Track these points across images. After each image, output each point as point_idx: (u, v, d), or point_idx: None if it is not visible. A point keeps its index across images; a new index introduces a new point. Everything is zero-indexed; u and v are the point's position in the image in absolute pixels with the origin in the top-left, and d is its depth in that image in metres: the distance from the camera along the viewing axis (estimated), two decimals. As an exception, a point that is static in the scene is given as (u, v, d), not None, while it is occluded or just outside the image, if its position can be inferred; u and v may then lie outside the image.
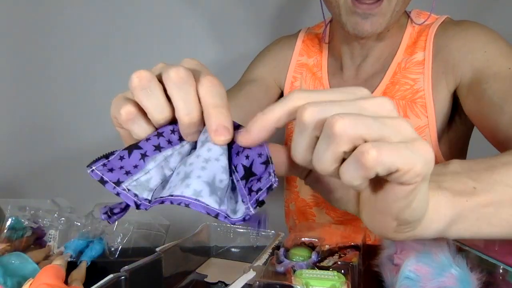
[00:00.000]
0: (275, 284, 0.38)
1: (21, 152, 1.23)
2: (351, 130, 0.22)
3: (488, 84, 0.53)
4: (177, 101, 0.28)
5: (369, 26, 0.55)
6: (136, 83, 0.28)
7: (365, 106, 0.24)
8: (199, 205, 0.27)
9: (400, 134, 0.23)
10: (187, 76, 0.28)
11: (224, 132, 0.28)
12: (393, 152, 0.22)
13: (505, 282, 0.40)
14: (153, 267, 0.48)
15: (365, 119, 0.22)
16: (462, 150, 0.70)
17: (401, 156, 0.22)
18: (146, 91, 0.28)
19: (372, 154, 0.21)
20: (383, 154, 0.21)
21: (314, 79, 0.73)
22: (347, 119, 0.22)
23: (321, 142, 0.24)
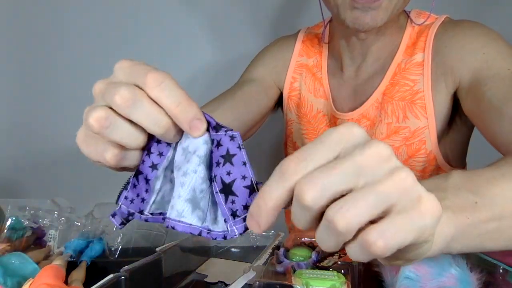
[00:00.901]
0: (275, 284, 0.38)
1: (21, 152, 1.23)
2: (354, 221, 0.21)
3: (487, 86, 0.52)
4: (139, 121, 0.27)
5: (369, 19, 0.55)
6: (96, 127, 0.27)
7: (363, 163, 0.22)
8: (182, 226, 0.28)
9: (404, 196, 0.21)
10: (131, 94, 0.27)
11: (197, 125, 0.28)
12: (401, 233, 0.21)
13: (505, 282, 0.40)
14: (153, 267, 0.48)
15: (367, 201, 0.21)
16: (462, 151, 0.70)
17: (411, 232, 0.21)
18: (110, 128, 0.28)
19: (379, 246, 0.20)
20: (389, 241, 0.20)
21: (314, 79, 0.73)
22: (349, 214, 0.21)
23: (323, 230, 0.23)
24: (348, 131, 0.23)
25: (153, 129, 0.27)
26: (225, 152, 0.28)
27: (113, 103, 0.27)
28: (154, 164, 0.30)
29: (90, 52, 1.17)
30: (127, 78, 0.28)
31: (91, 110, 0.28)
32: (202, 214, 0.29)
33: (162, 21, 1.15)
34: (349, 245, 0.23)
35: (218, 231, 0.29)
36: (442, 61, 0.60)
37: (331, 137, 0.23)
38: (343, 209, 0.21)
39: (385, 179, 0.21)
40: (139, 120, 0.27)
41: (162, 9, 1.15)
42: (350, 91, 0.69)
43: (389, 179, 0.21)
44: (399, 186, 0.21)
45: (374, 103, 0.65)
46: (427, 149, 0.63)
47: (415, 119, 0.62)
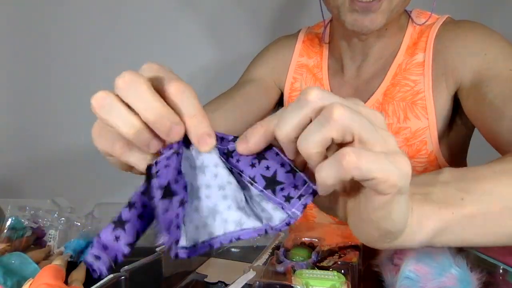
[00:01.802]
0: (275, 284, 0.38)
1: (21, 152, 1.23)
2: (347, 120, 0.23)
3: (488, 87, 0.52)
4: (132, 103, 0.27)
5: (369, 22, 0.55)
6: (95, 106, 0.28)
7: (362, 111, 0.25)
8: (248, 232, 0.28)
9: (385, 144, 0.24)
10: (132, 78, 0.27)
11: (207, 141, 0.28)
12: (372, 160, 0.23)
13: (505, 282, 0.40)
14: (153, 267, 0.48)
15: (361, 117, 0.24)
16: (462, 151, 0.70)
17: (379, 165, 0.23)
18: (106, 108, 0.27)
19: (351, 158, 0.23)
20: (362, 160, 0.23)
21: (314, 80, 0.73)
22: (347, 109, 0.24)
23: (315, 123, 0.25)
24: (355, 99, 0.27)
25: (144, 114, 0.26)
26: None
27: (115, 86, 0.28)
28: (171, 191, 0.27)
29: (90, 52, 1.17)
30: (151, 72, 0.29)
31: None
32: (255, 215, 0.29)
33: (162, 21, 1.15)
34: (324, 161, 0.24)
35: (278, 223, 0.29)
36: (443, 62, 0.60)
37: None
38: (342, 105, 0.24)
39: (377, 127, 0.25)
40: (132, 103, 0.27)
41: (162, 9, 1.15)
42: (351, 92, 0.69)
43: (379, 128, 0.25)
44: (385, 135, 0.25)
45: (375, 103, 0.65)
46: (428, 149, 0.63)
47: (416, 119, 0.62)
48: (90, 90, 0.28)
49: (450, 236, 0.30)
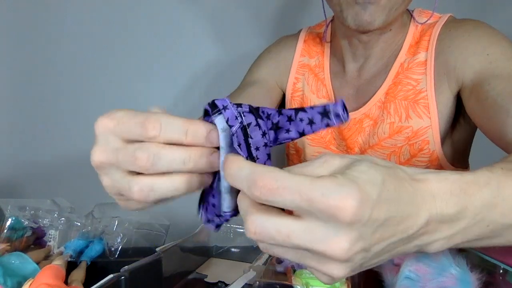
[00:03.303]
0: (275, 284, 0.38)
1: (21, 152, 1.23)
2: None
3: (491, 86, 0.52)
4: (169, 170, 0.29)
5: (368, 16, 0.55)
6: (143, 199, 0.29)
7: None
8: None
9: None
10: (147, 153, 0.28)
11: (212, 136, 0.29)
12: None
13: (505, 282, 0.40)
14: (153, 267, 0.48)
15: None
16: (465, 150, 0.70)
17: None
18: (153, 192, 0.29)
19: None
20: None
21: (316, 80, 0.73)
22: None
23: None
24: (336, 210, 0.22)
25: (185, 168, 0.29)
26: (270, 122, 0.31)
27: (138, 168, 0.28)
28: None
29: (90, 53, 1.17)
30: (126, 138, 0.29)
31: (129, 185, 0.29)
32: None
33: (163, 21, 1.15)
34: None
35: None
36: (445, 61, 0.60)
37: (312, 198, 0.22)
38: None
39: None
40: (169, 169, 0.28)
41: (164, 9, 1.15)
42: (353, 91, 0.69)
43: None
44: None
45: (377, 102, 0.65)
46: (430, 149, 0.63)
47: (418, 118, 0.62)
48: (91, 90, 0.29)
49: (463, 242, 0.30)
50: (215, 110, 0.30)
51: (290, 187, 0.22)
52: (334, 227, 0.22)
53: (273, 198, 0.22)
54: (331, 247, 0.22)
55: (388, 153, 0.65)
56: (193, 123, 0.29)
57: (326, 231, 0.22)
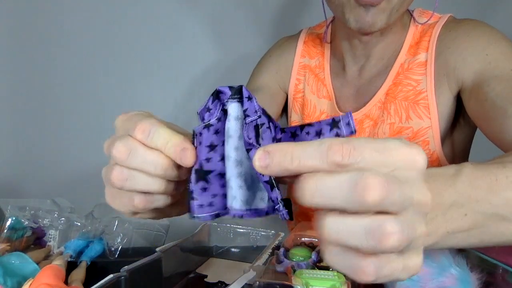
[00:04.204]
0: (275, 284, 0.38)
1: (21, 152, 1.23)
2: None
3: (490, 86, 0.52)
4: (138, 168, 0.31)
5: (370, 18, 0.55)
6: (117, 184, 0.32)
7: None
8: (251, 213, 0.31)
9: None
10: (126, 146, 0.31)
11: (184, 155, 0.31)
12: (386, 274, 0.23)
13: (505, 282, 0.40)
14: (153, 267, 0.48)
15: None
16: (465, 151, 0.70)
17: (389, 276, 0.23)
18: (129, 180, 0.32)
19: (369, 271, 0.22)
20: (380, 273, 0.22)
21: (316, 80, 0.73)
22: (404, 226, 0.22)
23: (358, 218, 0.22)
24: (412, 158, 0.23)
25: (155, 172, 0.31)
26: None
27: (113, 157, 0.31)
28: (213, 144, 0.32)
29: (91, 53, 1.17)
30: (124, 133, 0.32)
31: (108, 169, 0.32)
32: (261, 197, 0.31)
33: (163, 22, 1.15)
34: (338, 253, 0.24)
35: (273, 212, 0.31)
36: (445, 62, 0.60)
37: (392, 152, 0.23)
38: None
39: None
40: (138, 168, 0.31)
41: (163, 11, 1.15)
42: (353, 91, 0.69)
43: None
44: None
45: (377, 103, 0.65)
46: (431, 149, 0.63)
47: (418, 119, 0.62)
48: (91, 91, 0.29)
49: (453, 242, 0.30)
50: (236, 96, 0.30)
51: (366, 145, 0.22)
52: (414, 175, 0.23)
53: (355, 158, 0.22)
54: (420, 191, 0.23)
55: None
56: (176, 137, 0.31)
57: (410, 179, 0.23)
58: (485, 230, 0.31)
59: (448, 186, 0.29)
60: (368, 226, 0.21)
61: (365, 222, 0.21)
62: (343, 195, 0.21)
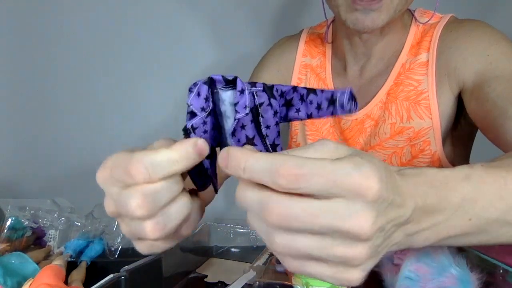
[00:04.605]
0: (275, 284, 0.38)
1: (21, 152, 1.23)
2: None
3: (491, 87, 0.52)
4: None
5: (370, 21, 0.55)
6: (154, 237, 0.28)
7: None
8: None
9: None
10: (143, 201, 0.27)
11: (199, 148, 0.28)
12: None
13: (505, 282, 0.40)
14: (153, 267, 0.48)
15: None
16: (466, 151, 0.70)
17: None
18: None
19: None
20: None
21: (318, 80, 0.73)
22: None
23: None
24: (361, 190, 0.23)
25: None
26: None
27: (134, 216, 0.27)
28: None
29: (91, 53, 1.17)
30: (122, 185, 0.27)
31: (141, 229, 0.28)
32: None
33: (163, 22, 1.15)
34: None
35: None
36: (446, 62, 0.60)
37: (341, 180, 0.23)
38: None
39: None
40: (168, 198, 0.28)
41: (164, 10, 1.15)
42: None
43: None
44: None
45: (378, 103, 0.65)
46: (432, 150, 0.63)
47: (419, 119, 0.62)
48: (91, 91, 0.29)
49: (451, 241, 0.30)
50: (229, 86, 0.29)
51: (315, 171, 0.22)
52: (358, 205, 0.23)
53: (299, 185, 0.23)
54: (357, 223, 0.22)
55: (389, 153, 0.65)
56: (180, 148, 0.28)
57: (350, 209, 0.23)
58: (486, 233, 0.31)
59: (456, 192, 0.29)
60: (266, 233, 0.25)
61: (264, 229, 0.25)
62: (255, 207, 0.24)
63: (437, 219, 0.28)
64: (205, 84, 0.29)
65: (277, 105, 0.30)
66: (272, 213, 0.23)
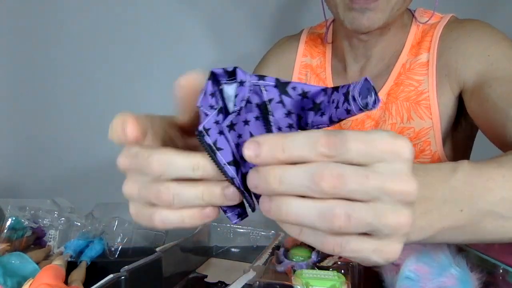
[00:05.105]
0: (275, 284, 0.38)
1: (21, 152, 1.23)
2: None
3: (491, 88, 0.52)
4: (196, 204, 0.28)
5: (366, 21, 0.55)
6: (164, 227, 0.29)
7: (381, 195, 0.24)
8: None
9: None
10: (168, 191, 0.27)
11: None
12: (355, 249, 0.24)
13: (505, 282, 0.40)
14: (153, 267, 0.48)
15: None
16: (466, 152, 0.70)
17: (360, 254, 0.25)
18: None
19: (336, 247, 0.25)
20: (346, 248, 0.24)
21: (318, 80, 0.73)
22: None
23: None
24: (397, 149, 0.23)
25: (203, 203, 0.28)
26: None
27: (163, 203, 0.27)
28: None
29: (91, 54, 1.17)
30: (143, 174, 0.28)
31: (151, 214, 0.28)
32: None
33: (163, 22, 1.15)
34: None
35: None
36: (446, 63, 0.60)
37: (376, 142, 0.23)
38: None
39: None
40: (188, 204, 0.28)
41: (163, 11, 1.15)
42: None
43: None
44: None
45: None
46: (432, 150, 0.63)
47: (419, 119, 0.62)
48: (91, 90, 0.29)
49: (450, 237, 0.31)
50: (232, 78, 0.27)
51: (352, 137, 0.23)
52: (398, 166, 0.23)
53: (340, 150, 0.23)
54: (404, 182, 0.23)
55: None
56: (201, 159, 0.27)
57: (393, 170, 0.23)
58: (481, 227, 0.31)
59: (443, 182, 0.29)
60: (321, 209, 0.23)
61: (319, 205, 0.23)
62: (303, 184, 0.23)
63: (428, 206, 0.28)
64: (208, 80, 0.27)
65: (293, 104, 0.27)
66: (324, 177, 0.23)
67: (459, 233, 0.30)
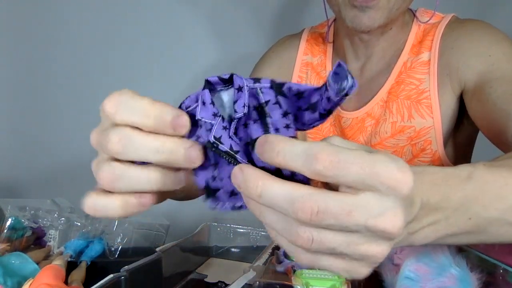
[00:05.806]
0: (275, 284, 0.38)
1: (21, 152, 1.23)
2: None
3: (492, 88, 0.52)
4: (139, 158, 0.26)
5: (367, 19, 0.55)
6: (107, 186, 0.28)
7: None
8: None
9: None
10: (119, 135, 0.26)
11: (179, 123, 0.26)
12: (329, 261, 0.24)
13: (505, 282, 0.40)
14: (153, 267, 0.48)
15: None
16: (467, 151, 0.70)
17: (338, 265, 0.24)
18: (120, 181, 0.27)
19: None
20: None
21: (318, 78, 0.73)
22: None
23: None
24: (397, 185, 0.22)
25: (159, 158, 0.26)
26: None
27: (109, 152, 0.27)
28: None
29: (91, 54, 1.17)
30: (109, 121, 0.27)
31: (97, 168, 0.28)
32: None
33: (163, 22, 1.15)
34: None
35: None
36: (447, 62, 0.60)
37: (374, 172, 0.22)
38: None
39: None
40: (141, 157, 0.26)
41: (164, 10, 1.15)
42: (355, 90, 0.69)
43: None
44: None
45: (379, 101, 0.65)
46: (433, 149, 0.63)
47: (420, 118, 0.62)
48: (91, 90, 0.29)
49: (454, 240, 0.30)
50: (228, 84, 0.27)
51: (352, 160, 0.21)
52: (390, 202, 0.22)
53: (335, 172, 0.21)
54: (390, 222, 0.22)
55: (390, 153, 0.65)
56: (157, 107, 0.26)
57: (383, 205, 0.22)
58: (486, 233, 0.31)
59: (458, 191, 0.29)
60: (288, 225, 0.23)
61: (290, 220, 0.23)
62: (282, 206, 0.23)
63: (437, 217, 0.28)
64: (205, 89, 0.27)
65: (288, 104, 0.27)
66: (304, 208, 0.21)
67: (463, 237, 0.30)
